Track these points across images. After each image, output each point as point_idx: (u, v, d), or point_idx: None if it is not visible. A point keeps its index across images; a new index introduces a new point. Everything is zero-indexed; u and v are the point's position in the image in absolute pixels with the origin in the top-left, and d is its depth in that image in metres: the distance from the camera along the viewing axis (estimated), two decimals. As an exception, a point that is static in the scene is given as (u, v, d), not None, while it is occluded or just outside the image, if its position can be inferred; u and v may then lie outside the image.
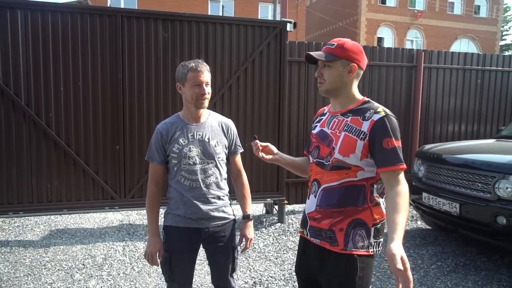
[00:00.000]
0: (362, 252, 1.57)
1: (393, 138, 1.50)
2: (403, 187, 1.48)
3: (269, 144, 1.86)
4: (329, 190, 1.60)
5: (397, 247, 1.32)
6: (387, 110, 1.56)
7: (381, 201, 1.60)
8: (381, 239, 1.62)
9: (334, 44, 1.60)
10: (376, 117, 1.53)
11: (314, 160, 1.70)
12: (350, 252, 1.56)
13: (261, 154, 1.82)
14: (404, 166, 1.51)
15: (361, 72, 1.63)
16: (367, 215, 1.57)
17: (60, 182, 4.27)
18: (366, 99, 1.64)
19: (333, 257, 1.59)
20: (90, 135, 4.32)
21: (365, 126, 1.53)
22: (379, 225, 1.60)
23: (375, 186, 1.58)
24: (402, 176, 1.50)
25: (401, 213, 1.42)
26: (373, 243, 1.59)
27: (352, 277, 1.55)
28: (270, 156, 1.84)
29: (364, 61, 1.63)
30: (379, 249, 1.62)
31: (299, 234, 1.79)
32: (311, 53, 1.61)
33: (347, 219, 1.57)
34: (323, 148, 1.65)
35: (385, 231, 1.57)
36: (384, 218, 1.61)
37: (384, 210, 1.60)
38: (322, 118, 1.76)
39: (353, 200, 1.56)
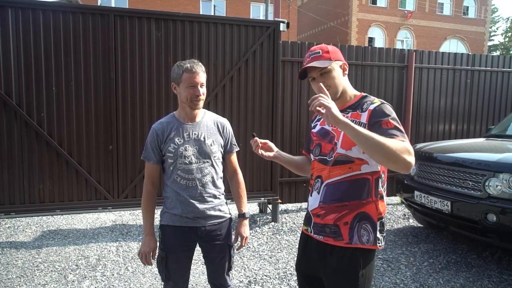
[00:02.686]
0: (368, 246, 1.58)
1: (391, 120, 1.50)
2: (405, 143, 1.40)
3: (268, 141, 1.86)
4: (332, 185, 1.61)
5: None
6: (383, 101, 1.61)
7: (384, 194, 1.63)
8: (385, 234, 1.65)
9: (319, 52, 1.62)
10: (372, 106, 1.57)
11: (317, 158, 1.71)
12: (355, 246, 1.57)
13: (260, 151, 1.82)
14: (407, 141, 1.44)
15: None
16: (372, 208, 1.58)
17: (53, 182, 4.23)
18: (364, 94, 1.69)
19: (336, 253, 1.60)
20: (83, 135, 4.29)
21: (364, 117, 1.57)
22: (383, 219, 1.62)
23: (379, 180, 1.59)
24: (406, 144, 1.42)
25: (377, 136, 1.37)
26: (379, 237, 1.60)
27: (355, 274, 1.56)
28: (270, 154, 1.84)
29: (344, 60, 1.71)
30: (384, 243, 1.64)
31: (302, 231, 1.80)
32: (310, 64, 1.60)
33: (352, 213, 1.58)
34: (325, 145, 1.68)
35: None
36: (385, 211, 1.65)
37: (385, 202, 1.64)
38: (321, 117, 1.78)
39: (358, 194, 1.57)
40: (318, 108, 1.36)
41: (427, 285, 3.38)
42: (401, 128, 1.50)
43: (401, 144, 1.38)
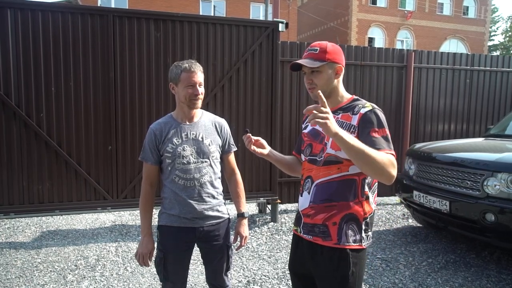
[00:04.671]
0: (355, 246, 1.60)
1: (380, 129, 1.53)
2: (391, 157, 1.45)
3: (260, 139, 1.87)
4: (322, 185, 1.63)
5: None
6: (375, 105, 1.61)
7: (371, 195, 1.64)
8: (370, 233, 1.66)
9: (317, 49, 1.63)
10: (363, 110, 1.58)
11: (307, 158, 1.73)
12: (343, 246, 1.59)
13: (253, 147, 1.83)
14: (393, 152, 1.50)
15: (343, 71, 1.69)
16: (358, 209, 1.60)
17: (52, 183, 4.23)
18: (355, 97, 1.70)
19: (326, 253, 1.62)
20: (82, 135, 4.29)
21: (354, 120, 1.58)
22: (368, 219, 1.63)
23: (366, 181, 1.61)
24: (392, 158, 1.47)
25: (367, 149, 1.39)
26: (364, 237, 1.62)
27: (345, 273, 1.58)
28: (262, 150, 1.85)
29: (344, 61, 1.69)
30: (370, 241, 1.66)
31: (293, 232, 1.82)
32: (299, 61, 1.64)
33: (340, 214, 1.60)
34: (316, 145, 1.69)
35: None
36: (372, 211, 1.65)
37: (373, 204, 1.65)
38: None
39: (346, 194, 1.59)
40: (317, 120, 1.33)
41: (425, 284, 3.39)
42: (389, 136, 1.54)
43: (387, 158, 1.44)
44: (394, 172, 1.44)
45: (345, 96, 1.70)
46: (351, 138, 1.37)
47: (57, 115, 4.20)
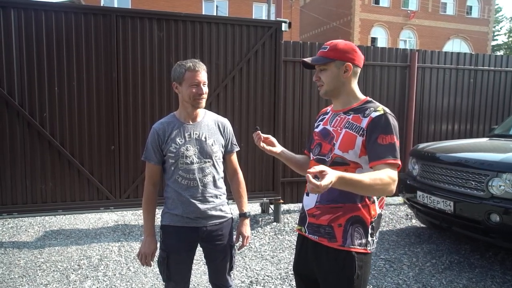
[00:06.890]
0: (360, 249, 1.58)
1: (389, 135, 1.51)
2: (391, 173, 1.44)
3: (271, 136, 1.87)
4: None
5: (333, 171, 1.27)
6: (387, 109, 1.58)
7: (377, 198, 1.62)
8: (375, 237, 1.64)
9: (327, 47, 1.64)
10: (374, 114, 1.55)
11: (315, 157, 1.72)
12: (348, 249, 1.57)
13: (262, 144, 1.83)
14: (399, 161, 1.49)
15: (358, 70, 1.66)
16: (364, 212, 1.58)
17: (55, 182, 4.24)
18: (369, 99, 1.67)
19: (331, 254, 1.60)
20: (85, 135, 4.29)
21: (364, 123, 1.56)
22: (374, 223, 1.61)
23: None
24: (394, 171, 1.47)
25: (368, 175, 1.38)
26: (370, 241, 1.60)
27: (350, 275, 1.56)
28: (272, 148, 1.84)
29: (359, 59, 1.65)
30: (374, 246, 1.64)
31: (297, 232, 1.81)
32: (305, 59, 1.66)
33: (345, 216, 1.58)
34: (325, 145, 1.68)
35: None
36: (377, 215, 1.63)
37: (378, 208, 1.63)
38: (325, 117, 1.78)
39: (352, 196, 1.56)
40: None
41: (429, 285, 3.37)
42: (396, 144, 1.51)
43: (387, 177, 1.42)
44: (393, 187, 1.44)
45: (359, 97, 1.67)
46: (346, 183, 1.32)
47: (60, 115, 4.21)
